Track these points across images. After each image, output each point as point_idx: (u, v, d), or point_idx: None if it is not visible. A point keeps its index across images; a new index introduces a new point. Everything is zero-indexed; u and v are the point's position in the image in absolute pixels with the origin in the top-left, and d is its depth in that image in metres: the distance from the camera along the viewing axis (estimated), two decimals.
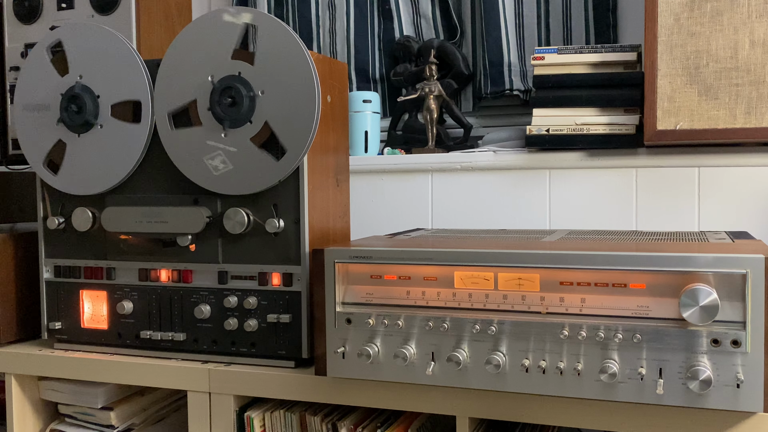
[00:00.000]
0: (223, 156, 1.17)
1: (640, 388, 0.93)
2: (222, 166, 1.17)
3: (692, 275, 0.92)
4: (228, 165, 1.17)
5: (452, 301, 1.03)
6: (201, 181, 1.20)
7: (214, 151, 1.17)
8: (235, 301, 1.21)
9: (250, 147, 1.17)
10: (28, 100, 1.30)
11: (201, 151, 1.19)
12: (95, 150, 1.26)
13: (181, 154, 1.21)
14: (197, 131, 1.20)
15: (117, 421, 1.35)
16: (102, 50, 1.26)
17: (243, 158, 1.17)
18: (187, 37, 1.19)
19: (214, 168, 1.17)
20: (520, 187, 1.63)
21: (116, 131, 1.25)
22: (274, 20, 1.15)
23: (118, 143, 1.25)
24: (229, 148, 1.17)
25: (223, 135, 1.18)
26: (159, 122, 1.22)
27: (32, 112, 1.29)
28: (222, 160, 1.17)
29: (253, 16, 1.15)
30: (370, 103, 1.79)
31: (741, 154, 1.46)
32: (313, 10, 1.98)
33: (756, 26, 1.33)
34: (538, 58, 1.56)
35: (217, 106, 1.16)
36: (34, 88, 1.30)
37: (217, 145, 1.18)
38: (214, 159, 1.16)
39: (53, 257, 1.34)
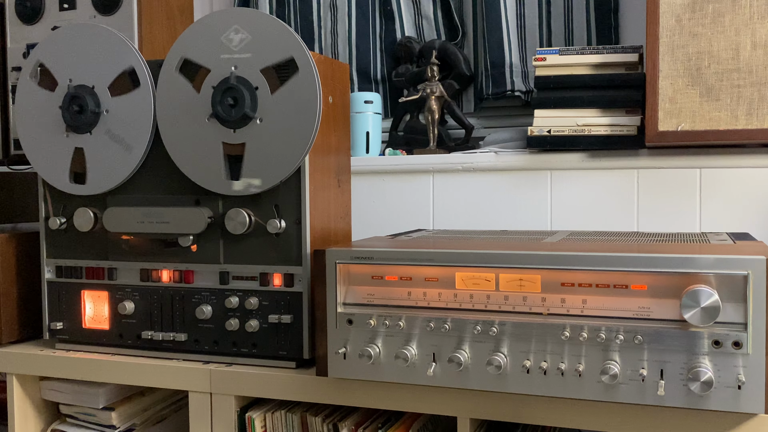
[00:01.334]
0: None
1: (642, 390, 0.93)
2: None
3: (693, 276, 0.91)
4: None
5: (453, 301, 1.03)
6: (195, 176, 1.20)
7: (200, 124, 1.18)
8: (237, 301, 1.21)
9: (218, 149, 1.18)
10: (35, 127, 1.31)
11: (187, 111, 1.20)
12: (110, 141, 1.26)
13: (178, 145, 1.21)
14: (192, 94, 1.20)
15: (118, 421, 1.35)
16: (88, 46, 1.26)
17: (208, 152, 1.18)
18: (195, 33, 1.19)
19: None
20: (522, 188, 1.63)
21: (122, 114, 1.25)
22: (276, 21, 1.15)
23: (125, 127, 1.25)
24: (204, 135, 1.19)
25: (206, 119, 1.18)
26: (159, 110, 1.22)
27: (42, 135, 1.29)
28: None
29: (255, 18, 1.15)
30: (372, 104, 1.80)
31: (742, 155, 1.46)
32: (314, 10, 1.98)
33: (758, 27, 1.33)
34: (540, 59, 1.56)
35: (220, 98, 1.16)
36: (35, 114, 1.30)
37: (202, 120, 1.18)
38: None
39: (55, 257, 1.34)
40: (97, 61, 1.26)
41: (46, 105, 1.29)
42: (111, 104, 1.25)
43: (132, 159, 1.25)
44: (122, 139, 1.25)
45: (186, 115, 1.20)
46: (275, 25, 1.15)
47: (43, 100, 1.29)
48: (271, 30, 1.15)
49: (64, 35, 1.28)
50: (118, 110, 1.25)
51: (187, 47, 1.20)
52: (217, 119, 1.17)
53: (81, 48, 1.27)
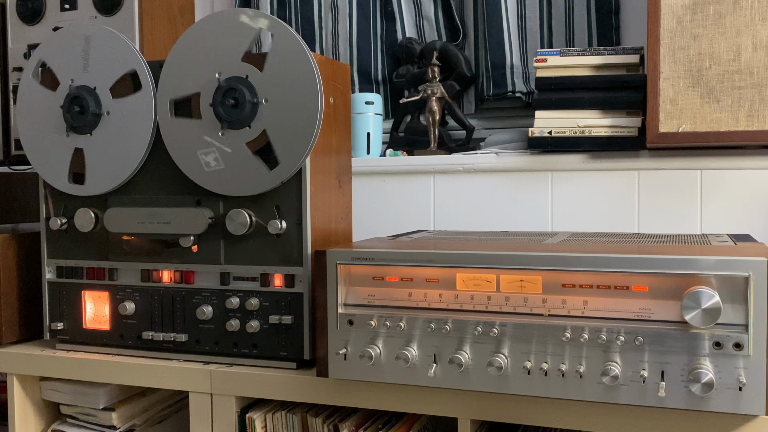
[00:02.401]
0: (216, 154, 1.17)
1: (642, 391, 0.93)
2: (214, 163, 1.17)
3: (694, 278, 0.91)
4: (220, 164, 1.18)
5: (454, 302, 1.03)
6: (195, 176, 1.20)
7: (209, 147, 1.17)
8: (237, 302, 1.21)
9: (245, 151, 1.17)
10: (33, 128, 1.31)
11: (196, 145, 1.19)
12: (111, 142, 1.26)
13: (178, 145, 1.21)
14: (196, 124, 1.20)
15: (118, 421, 1.35)
16: (91, 48, 1.26)
17: (236, 160, 1.17)
18: (201, 30, 1.19)
19: (206, 164, 1.18)
20: (522, 189, 1.63)
21: (123, 120, 1.25)
22: (279, 23, 1.15)
23: (125, 130, 1.25)
24: (225, 148, 1.18)
25: (221, 134, 1.18)
26: (160, 110, 1.22)
27: (42, 134, 1.29)
28: (215, 157, 1.17)
29: (269, 23, 1.15)
30: (373, 105, 1.80)
31: (743, 156, 1.46)
32: (315, 11, 1.98)
33: (759, 29, 1.33)
34: (541, 61, 1.56)
35: (220, 106, 1.16)
36: (37, 113, 1.30)
37: (213, 142, 1.18)
38: (208, 155, 1.17)
39: (55, 258, 1.34)
40: (101, 62, 1.26)
41: (48, 104, 1.29)
42: (112, 106, 1.25)
43: (131, 162, 1.25)
44: (122, 141, 1.25)
45: (203, 147, 1.20)
46: (303, 56, 1.13)
47: (44, 99, 1.29)
48: (276, 33, 1.15)
49: (68, 34, 1.28)
50: (119, 112, 1.25)
51: (172, 86, 1.20)
52: (216, 116, 1.17)
53: (84, 48, 1.27)
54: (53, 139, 1.29)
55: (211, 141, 1.18)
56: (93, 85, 1.26)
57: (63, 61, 1.28)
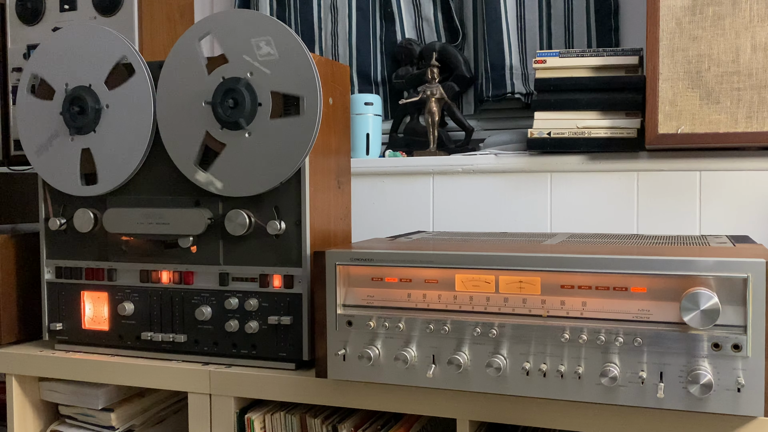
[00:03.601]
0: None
1: (641, 392, 0.93)
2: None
3: (693, 279, 0.92)
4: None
5: (453, 303, 1.03)
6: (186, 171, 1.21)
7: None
8: (236, 302, 1.21)
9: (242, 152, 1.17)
10: (37, 141, 1.31)
11: (194, 140, 1.20)
12: (115, 134, 1.26)
13: (175, 141, 1.22)
14: (194, 120, 1.20)
15: (117, 422, 1.35)
16: (76, 47, 1.27)
17: (232, 159, 1.18)
18: (207, 26, 1.19)
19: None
20: (522, 190, 1.63)
21: (123, 109, 1.25)
22: (279, 24, 1.15)
23: (128, 127, 1.25)
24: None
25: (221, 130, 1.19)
26: (159, 105, 1.22)
27: (48, 145, 1.30)
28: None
29: (288, 40, 1.14)
30: (372, 106, 1.80)
31: (742, 158, 1.46)
32: (315, 12, 1.98)
33: (758, 30, 1.33)
34: (540, 62, 1.56)
35: (220, 108, 1.16)
36: (39, 126, 1.30)
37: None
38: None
39: (54, 258, 1.34)
40: (90, 59, 1.26)
41: (48, 114, 1.29)
42: (110, 98, 1.25)
43: (139, 147, 1.24)
44: (127, 129, 1.24)
45: (186, 112, 1.20)
46: (302, 57, 1.13)
47: (43, 110, 1.30)
48: (297, 61, 1.14)
49: (53, 43, 1.29)
50: (118, 102, 1.25)
51: (216, 28, 1.18)
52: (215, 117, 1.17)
53: (72, 50, 1.27)
54: (59, 146, 1.29)
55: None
56: (88, 83, 1.26)
57: (53, 69, 1.28)
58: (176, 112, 1.21)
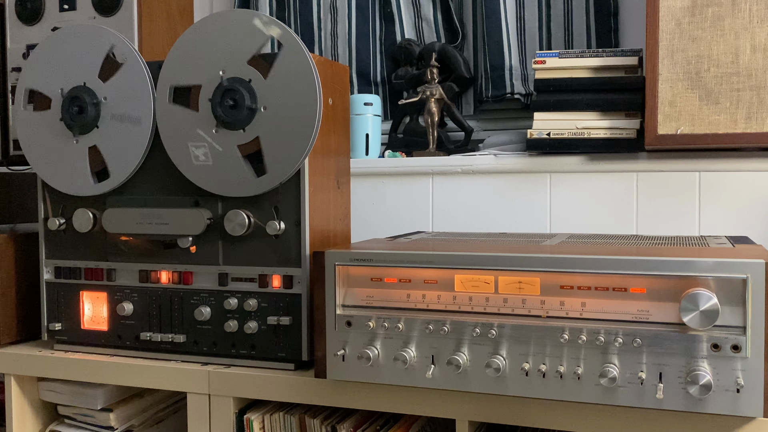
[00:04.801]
0: (206, 149, 1.17)
1: (640, 393, 0.93)
2: (203, 158, 1.17)
3: (692, 280, 0.92)
4: (209, 160, 1.18)
5: (452, 304, 1.03)
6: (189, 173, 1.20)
7: (201, 141, 1.17)
8: (236, 303, 1.21)
9: (235, 153, 1.17)
10: (43, 152, 1.31)
11: (189, 136, 1.19)
12: (118, 125, 1.26)
13: (171, 134, 1.21)
14: (192, 115, 1.20)
15: (116, 422, 1.35)
16: (65, 49, 1.27)
17: (225, 161, 1.18)
18: (212, 24, 1.19)
19: (195, 157, 1.18)
20: (521, 191, 1.63)
21: (121, 98, 1.25)
22: (240, 11, 1.15)
23: (127, 105, 1.25)
24: (216, 146, 1.18)
25: (215, 131, 1.18)
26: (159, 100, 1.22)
27: (53, 154, 1.29)
28: (205, 152, 1.17)
29: (281, 33, 1.14)
30: (372, 106, 1.80)
31: (742, 159, 1.46)
32: (314, 12, 1.98)
33: (757, 31, 1.33)
34: (540, 62, 1.56)
35: (219, 106, 1.16)
36: (41, 137, 1.30)
37: (206, 137, 1.18)
38: (198, 149, 1.17)
39: (54, 258, 1.34)
40: (79, 58, 1.26)
41: (48, 124, 1.29)
42: (106, 90, 1.25)
43: (144, 130, 1.23)
44: (128, 115, 1.24)
45: (194, 140, 1.20)
46: (307, 70, 1.13)
47: (44, 121, 1.30)
48: (244, 21, 1.15)
49: (40, 53, 1.29)
50: (115, 91, 1.25)
51: (175, 73, 1.20)
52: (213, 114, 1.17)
53: (60, 55, 1.27)
54: (65, 152, 1.29)
55: (203, 135, 1.18)
56: (82, 81, 1.26)
57: (46, 79, 1.29)
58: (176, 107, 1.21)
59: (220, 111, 1.16)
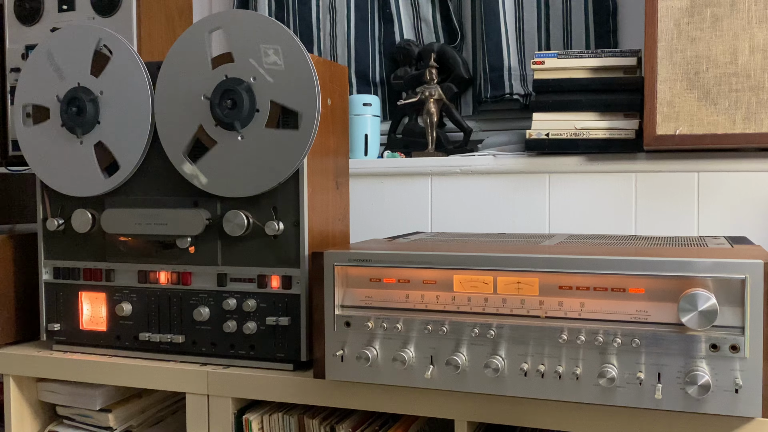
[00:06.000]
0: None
1: (639, 393, 0.93)
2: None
3: (691, 280, 0.92)
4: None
5: (451, 304, 1.03)
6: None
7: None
8: (234, 303, 1.21)
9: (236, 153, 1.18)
10: (50, 162, 1.30)
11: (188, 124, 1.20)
12: (119, 115, 1.26)
13: (168, 125, 1.22)
14: (190, 113, 1.20)
15: (115, 422, 1.35)
16: (56, 57, 1.27)
17: (224, 157, 1.19)
18: (219, 21, 1.19)
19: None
20: (520, 191, 1.63)
21: (114, 81, 1.25)
22: (277, 24, 1.15)
23: (127, 102, 1.25)
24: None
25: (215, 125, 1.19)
26: (159, 117, 1.22)
27: (62, 161, 1.29)
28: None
29: (293, 50, 1.14)
30: (370, 107, 1.80)
31: (740, 159, 1.46)
32: (313, 13, 1.98)
33: (756, 32, 1.33)
34: (539, 63, 1.56)
35: (218, 107, 1.16)
36: (48, 149, 1.30)
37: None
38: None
39: (52, 258, 1.34)
40: (69, 60, 1.26)
41: (50, 133, 1.29)
42: (100, 84, 1.25)
43: (144, 115, 1.23)
44: (126, 101, 1.24)
45: (183, 103, 1.20)
46: (306, 71, 1.13)
47: (45, 132, 1.30)
48: (300, 72, 1.13)
49: (30, 66, 1.30)
50: (109, 82, 1.25)
51: (228, 25, 1.18)
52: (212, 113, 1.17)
53: (49, 63, 1.28)
54: (72, 156, 1.28)
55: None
56: (76, 82, 1.26)
57: (40, 90, 1.29)
58: (174, 101, 1.21)
59: (219, 111, 1.16)
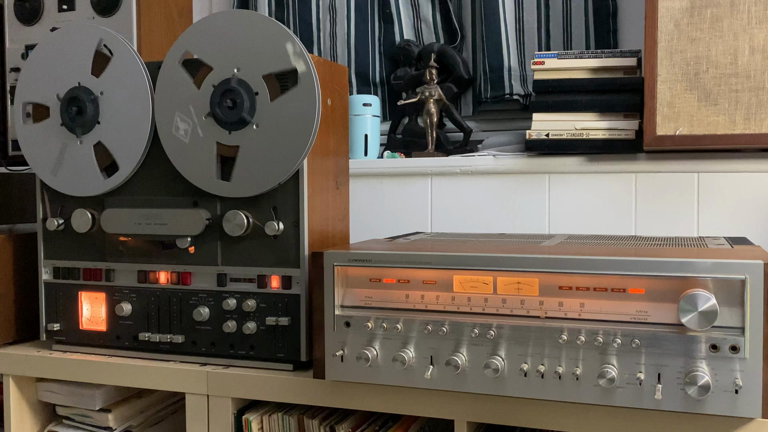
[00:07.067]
0: (189, 128, 1.18)
1: (639, 393, 0.93)
2: (182, 134, 1.17)
3: (691, 280, 0.92)
4: (186, 138, 1.19)
5: (451, 304, 1.03)
6: (197, 180, 1.20)
7: (189, 117, 1.17)
8: (234, 303, 1.21)
9: (212, 148, 1.18)
10: (49, 161, 1.30)
11: (180, 107, 1.20)
12: (118, 115, 1.26)
13: (179, 149, 1.21)
14: (192, 90, 1.20)
15: (115, 423, 1.34)
16: (57, 57, 1.27)
17: (200, 148, 1.19)
18: (184, 45, 1.19)
19: (176, 128, 1.18)
20: (520, 192, 1.63)
21: (114, 82, 1.25)
22: (276, 24, 1.15)
23: (127, 103, 1.25)
24: (199, 130, 1.18)
25: (204, 117, 1.18)
26: (159, 116, 1.22)
27: (64, 163, 1.29)
28: (186, 129, 1.18)
29: (262, 23, 1.15)
30: (370, 107, 1.80)
31: (740, 159, 1.47)
32: (313, 13, 1.98)
33: (756, 32, 1.33)
34: (539, 63, 1.56)
35: (217, 107, 1.16)
36: (49, 150, 1.30)
37: (194, 117, 1.18)
38: (182, 122, 1.17)
39: (52, 258, 1.34)
40: (69, 61, 1.26)
41: (50, 132, 1.29)
42: (101, 84, 1.25)
43: (144, 115, 1.23)
44: (126, 102, 1.24)
45: (184, 113, 1.20)
46: (276, 28, 1.15)
47: (45, 131, 1.30)
48: (276, 37, 1.14)
49: (31, 64, 1.29)
50: (110, 83, 1.25)
51: (192, 43, 1.19)
52: (215, 119, 1.17)
53: (50, 62, 1.28)
54: (71, 155, 1.28)
55: (192, 114, 1.18)
56: (76, 82, 1.26)
57: (40, 89, 1.29)
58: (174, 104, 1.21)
59: (218, 110, 1.16)
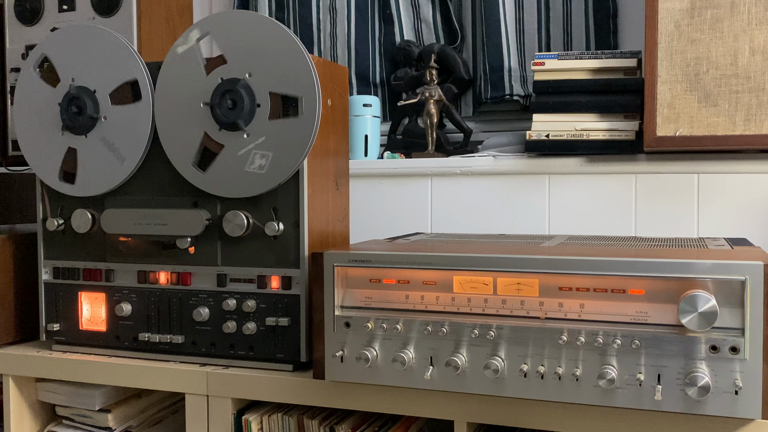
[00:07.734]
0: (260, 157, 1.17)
1: (639, 394, 0.93)
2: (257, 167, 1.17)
3: (691, 281, 0.92)
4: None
5: (451, 305, 1.03)
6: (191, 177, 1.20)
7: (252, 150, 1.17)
8: (234, 304, 1.21)
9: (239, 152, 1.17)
10: (30, 120, 1.31)
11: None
12: (105, 146, 1.26)
13: (172, 138, 1.21)
14: (192, 120, 1.20)
15: (114, 423, 1.34)
16: (95, 49, 1.26)
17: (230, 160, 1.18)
18: (207, 26, 1.19)
19: (250, 163, 1.17)
20: (520, 192, 1.63)
21: (119, 126, 1.25)
22: (276, 24, 1.15)
23: (120, 138, 1.25)
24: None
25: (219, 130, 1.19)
26: (158, 115, 1.22)
27: (37, 129, 1.29)
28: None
29: (274, 30, 1.15)
30: (371, 107, 1.80)
31: (740, 160, 1.47)
32: (314, 13, 1.98)
33: (756, 33, 1.33)
34: (539, 64, 1.56)
35: (218, 100, 1.16)
36: (34, 107, 1.30)
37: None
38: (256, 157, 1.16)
39: (52, 259, 1.34)
40: (102, 66, 1.26)
41: (46, 100, 1.29)
42: (110, 112, 1.25)
43: (123, 170, 1.25)
44: (116, 148, 1.25)
45: (184, 113, 1.20)
46: (275, 28, 1.14)
47: (43, 94, 1.29)
48: (295, 64, 1.14)
49: (72, 34, 1.28)
50: (117, 119, 1.25)
51: (216, 28, 1.18)
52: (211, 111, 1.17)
53: (88, 51, 1.27)
54: (48, 136, 1.29)
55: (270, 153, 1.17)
56: (93, 88, 1.26)
57: (66, 59, 1.28)
58: (175, 112, 1.21)
59: (220, 112, 1.16)
